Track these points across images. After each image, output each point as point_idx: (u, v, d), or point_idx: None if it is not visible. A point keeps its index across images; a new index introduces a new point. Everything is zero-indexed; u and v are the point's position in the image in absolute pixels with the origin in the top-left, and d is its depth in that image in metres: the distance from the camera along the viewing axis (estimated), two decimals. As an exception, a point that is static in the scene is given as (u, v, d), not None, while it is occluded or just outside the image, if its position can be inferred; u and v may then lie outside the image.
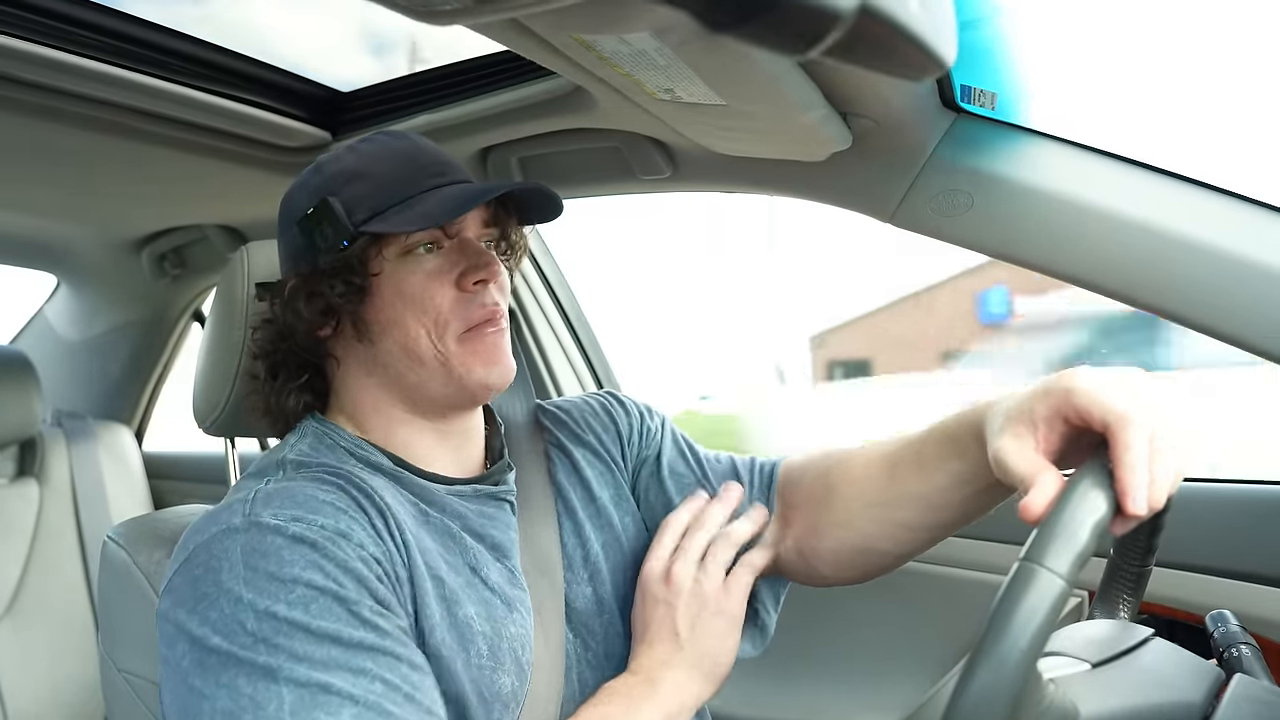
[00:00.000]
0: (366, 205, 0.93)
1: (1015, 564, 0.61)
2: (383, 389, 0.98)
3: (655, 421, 1.19)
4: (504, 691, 0.88)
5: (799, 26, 0.37)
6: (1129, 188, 1.16)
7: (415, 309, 0.93)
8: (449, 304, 0.94)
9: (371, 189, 0.94)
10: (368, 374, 0.98)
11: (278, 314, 0.97)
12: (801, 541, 1.07)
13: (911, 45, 0.44)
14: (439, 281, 0.94)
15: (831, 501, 1.05)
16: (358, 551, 0.80)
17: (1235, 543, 1.27)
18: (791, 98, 1.05)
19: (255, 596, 0.75)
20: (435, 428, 1.00)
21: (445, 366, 0.94)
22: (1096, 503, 0.64)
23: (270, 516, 0.80)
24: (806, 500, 1.08)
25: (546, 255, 2.11)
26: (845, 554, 1.06)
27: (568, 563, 1.03)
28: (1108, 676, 0.69)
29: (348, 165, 0.96)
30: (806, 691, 1.68)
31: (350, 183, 0.95)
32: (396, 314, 0.94)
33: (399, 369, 0.96)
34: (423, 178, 0.96)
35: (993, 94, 1.22)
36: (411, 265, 0.94)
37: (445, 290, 0.94)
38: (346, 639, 0.75)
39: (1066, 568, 0.60)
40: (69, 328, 2.67)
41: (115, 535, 1.13)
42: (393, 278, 0.94)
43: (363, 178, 0.95)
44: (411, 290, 0.94)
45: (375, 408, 0.99)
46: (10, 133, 1.53)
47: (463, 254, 0.96)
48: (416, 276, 0.94)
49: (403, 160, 0.97)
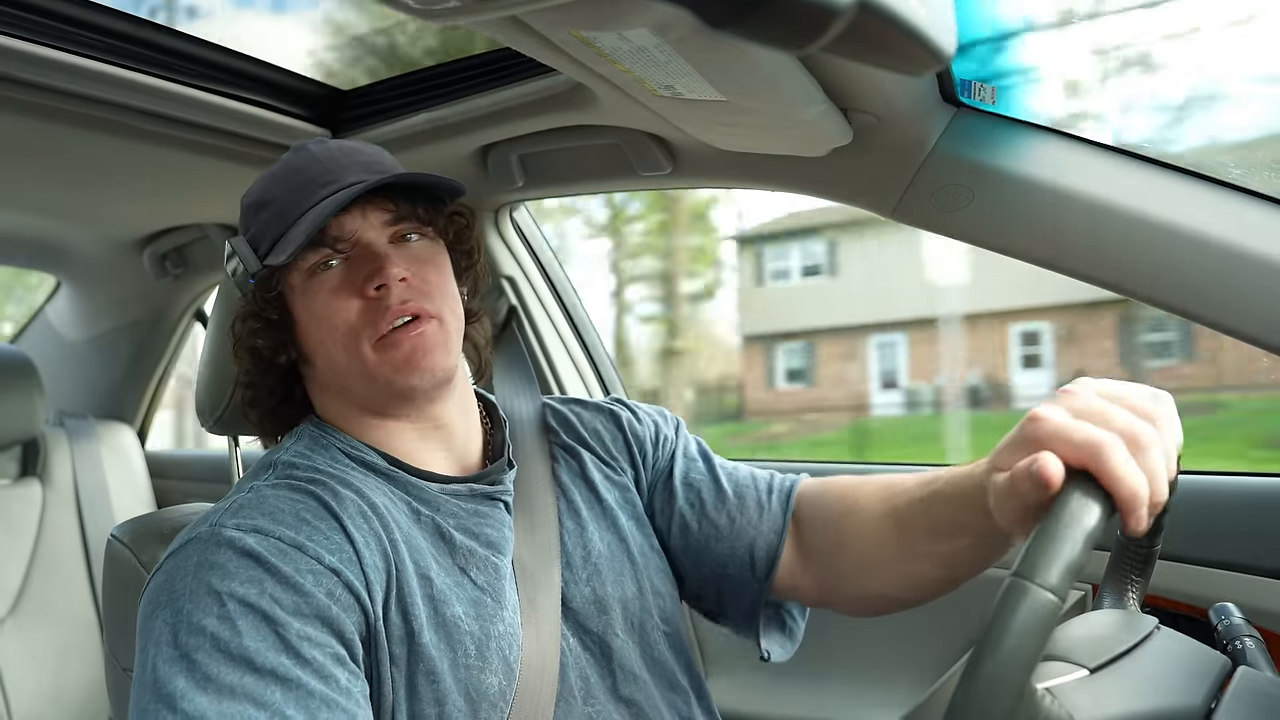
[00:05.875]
0: (268, 236, 0.96)
1: (1006, 579, 0.60)
2: (343, 399, 1.01)
3: (669, 428, 1.19)
4: (491, 691, 0.88)
5: (798, 22, 0.37)
6: (1129, 181, 1.15)
7: (327, 328, 0.95)
8: (356, 315, 0.95)
9: (270, 216, 0.97)
10: (325, 389, 1.02)
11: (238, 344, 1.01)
12: (821, 582, 1.07)
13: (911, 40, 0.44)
14: (343, 295, 0.95)
15: (846, 553, 1.04)
16: (310, 565, 0.81)
17: (1239, 535, 1.27)
18: (792, 93, 1.05)
19: (192, 608, 0.77)
20: (411, 427, 1.01)
21: (368, 376, 0.95)
22: (1086, 515, 0.64)
23: (233, 528, 0.82)
24: (822, 544, 1.07)
25: (549, 253, 2.11)
26: (866, 598, 1.06)
27: (567, 561, 1.02)
28: (1106, 682, 0.69)
29: (254, 196, 1.00)
30: (812, 689, 1.68)
31: (257, 214, 0.99)
32: (317, 335, 0.97)
33: (341, 384, 0.99)
34: (311, 190, 0.96)
35: (993, 88, 1.22)
36: (316, 285, 0.96)
37: (351, 303, 0.95)
38: (260, 664, 0.75)
39: (1058, 582, 0.59)
40: (71, 327, 2.67)
41: (119, 534, 1.14)
42: (304, 299, 0.97)
43: (264, 206, 0.98)
44: (319, 310, 0.96)
45: (346, 415, 1.01)
46: (12, 133, 1.53)
47: (362, 259, 0.95)
48: (321, 295, 0.96)
49: (295, 177, 0.98)
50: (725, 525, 1.09)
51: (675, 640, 1.06)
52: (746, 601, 1.10)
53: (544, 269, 2.09)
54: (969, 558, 0.94)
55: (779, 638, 1.14)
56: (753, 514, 1.09)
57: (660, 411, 1.22)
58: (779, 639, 1.13)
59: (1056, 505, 0.65)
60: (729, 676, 1.73)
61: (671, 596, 1.09)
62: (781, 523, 1.09)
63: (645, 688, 1.00)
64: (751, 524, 1.09)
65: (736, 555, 1.08)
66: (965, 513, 0.89)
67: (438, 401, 1.01)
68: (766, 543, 1.08)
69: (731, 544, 1.09)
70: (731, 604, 1.12)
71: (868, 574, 1.03)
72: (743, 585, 1.09)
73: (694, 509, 1.11)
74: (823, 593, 1.08)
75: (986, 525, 0.85)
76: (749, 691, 1.70)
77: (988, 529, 0.85)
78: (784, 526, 1.08)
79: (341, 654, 0.80)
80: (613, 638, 1.01)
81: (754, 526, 1.09)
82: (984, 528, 0.86)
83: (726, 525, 1.09)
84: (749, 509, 1.10)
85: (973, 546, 0.92)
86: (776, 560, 1.07)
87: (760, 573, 1.07)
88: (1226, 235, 1.08)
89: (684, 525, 1.11)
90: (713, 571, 1.10)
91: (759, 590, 1.08)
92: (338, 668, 0.79)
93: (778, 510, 1.10)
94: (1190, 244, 1.10)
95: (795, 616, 1.15)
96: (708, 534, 1.10)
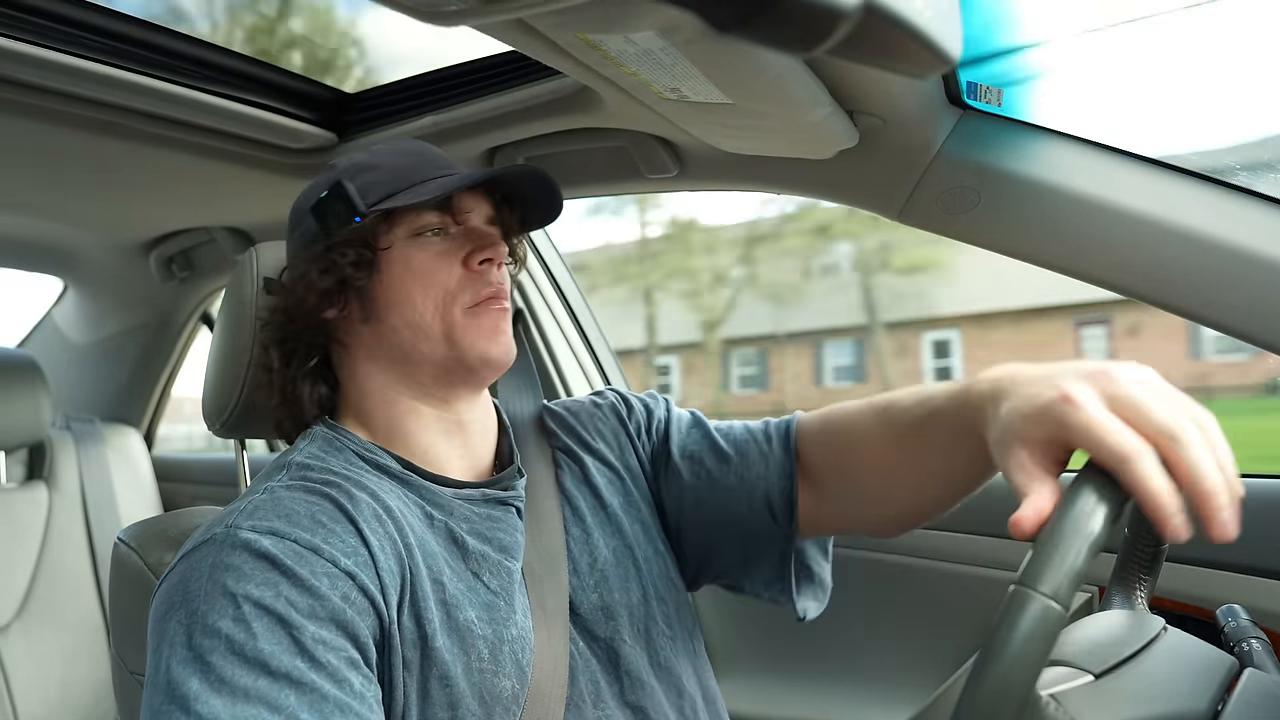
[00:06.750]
0: (378, 190, 0.99)
1: (1010, 588, 0.60)
2: (388, 373, 1.01)
3: (660, 410, 1.19)
4: (504, 694, 0.88)
5: (805, 25, 0.37)
6: (1136, 183, 1.15)
7: (423, 283, 0.98)
8: (456, 281, 0.99)
9: (383, 177, 1.00)
10: (372, 357, 1.02)
11: (288, 293, 1.02)
12: (842, 510, 1.07)
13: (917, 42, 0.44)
14: (447, 260, 1.00)
15: (856, 482, 1.04)
16: (326, 568, 0.81)
17: (1245, 537, 1.25)
18: (798, 96, 1.05)
19: (208, 610, 0.77)
20: (441, 416, 1.02)
21: (450, 339, 0.98)
22: (1091, 522, 0.62)
23: (249, 530, 0.82)
24: (831, 476, 1.06)
25: (555, 257, 2.11)
26: (889, 521, 1.05)
27: (573, 568, 1.03)
28: (1112, 687, 0.69)
29: (359, 160, 1.03)
30: (818, 693, 1.68)
31: (363, 172, 1.01)
32: (405, 289, 0.99)
33: (404, 347, 0.99)
34: (430, 169, 1.02)
35: (999, 90, 1.22)
36: (420, 244, 1.00)
37: (453, 268, 1.00)
38: (275, 667, 0.75)
39: (1061, 591, 0.59)
40: (77, 331, 2.67)
41: (126, 537, 1.14)
42: (402, 255, 0.99)
43: (375, 169, 1.01)
44: (420, 266, 0.99)
45: (383, 397, 1.01)
46: (18, 136, 1.54)
47: (469, 237, 1.02)
48: (425, 254, 1.00)
49: (412, 155, 1.04)
50: (735, 485, 1.09)
51: (681, 646, 1.06)
52: (775, 555, 1.09)
53: (550, 273, 2.09)
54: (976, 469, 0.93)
55: (811, 590, 1.13)
56: (758, 466, 1.09)
57: (650, 394, 1.22)
58: (811, 591, 1.12)
59: (1062, 510, 0.64)
60: (737, 679, 1.73)
61: (676, 602, 1.08)
62: (788, 465, 1.08)
63: (653, 694, 1.00)
64: (760, 475, 1.08)
65: (755, 510, 1.08)
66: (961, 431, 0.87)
67: (479, 392, 1.05)
68: (780, 489, 1.07)
69: (748, 501, 1.08)
70: (761, 563, 1.11)
71: (881, 498, 1.03)
72: (769, 539, 1.09)
73: (701, 479, 1.11)
74: (847, 519, 1.08)
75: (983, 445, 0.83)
76: (757, 694, 1.70)
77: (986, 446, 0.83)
78: (792, 469, 1.08)
79: (356, 658, 0.80)
80: (620, 644, 1.01)
81: (763, 478, 1.08)
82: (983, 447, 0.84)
83: (737, 484, 1.09)
84: (753, 462, 1.09)
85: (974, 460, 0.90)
86: (794, 503, 1.07)
87: (782, 519, 1.07)
88: (1234, 237, 1.08)
89: (696, 499, 1.11)
90: (736, 535, 1.10)
91: (786, 538, 1.08)
92: (352, 671, 0.79)
93: (780, 454, 1.09)
94: (1198, 246, 1.10)
95: (821, 563, 1.14)
96: (721, 499, 1.10)
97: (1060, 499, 0.65)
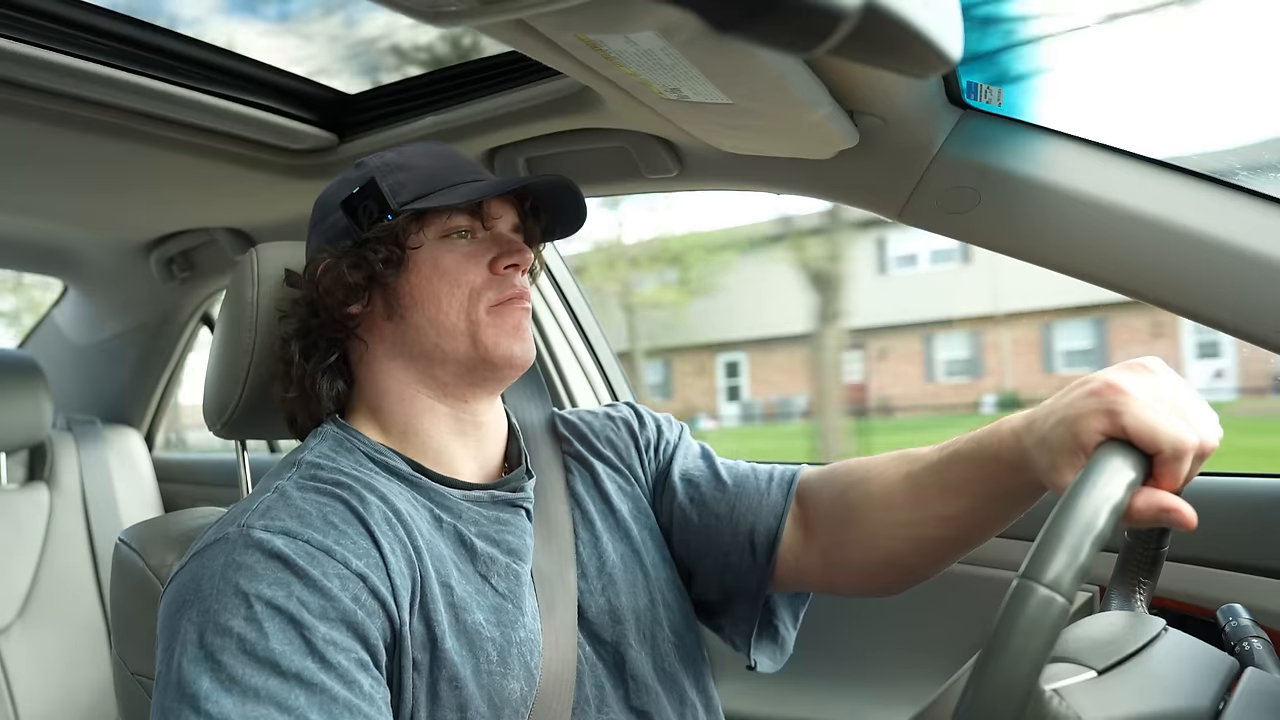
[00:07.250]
0: (410, 189, 1.00)
1: (1014, 581, 0.60)
2: (407, 371, 1.01)
3: (672, 433, 1.20)
4: (513, 697, 0.89)
5: (805, 25, 0.37)
6: (1136, 183, 1.15)
7: (450, 283, 0.99)
8: (481, 281, 1.00)
9: (415, 177, 1.01)
10: (392, 355, 1.02)
11: (314, 286, 1.02)
12: (827, 555, 1.06)
13: (917, 42, 0.44)
14: (474, 261, 1.01)
15: (854, 520, 1.04)
16: (338, 569, 0.81)
17: (1246, 536, 1.27)
18: (798, 96, 1.05)
19: (219, 609, 0.77)
20: (458, 416, 1.02)
21: (474, 337, 0.99)
22: (1096, 516, 0.63)
23: (261, 529, 0.82)
24: (828, 517, 1.07)
25: (562, 269, 2.11)
26: (873, 568, 1.05)
27: (581, 572, 1.03)
28: (1114, 683, 0.69)
29: (391, 159, 1.04)
30: (820, 692, 1.68)
31: (395, 171, 1.02)
32: (432, 288, 0.99)
33: (426, 345, 1.00)
34: (461, 173, 1.03)
35: (999, 90, 1.22)
36: (448, 245, 1.01)
37: (479, 270, 1.01)
38: (286, 667, 0.75)
39: (1066, 585, 0.59)
40: (78, 332, 2.67)
41: (127, 538, 1.14)
42: (431, 255, 1.00)
43: (406, 169, 1.02)
44: (448, 266, 1.00)
45: (401, 395, 1.01)
46: (18, 137, 1.54)
47: (495, 242, 1.03)
48: (454, 255, 1.01)
49: (443, 157, 1.05)
50: (725, 513, 1.10)
51: (685, 653, 1.07)
52: (748, 593, 1.10)
53: (553, 278, 2.09)
54: (983, 517, 0.95)
55: (769, 648, 1.13)
56: (752, 500, 1.10)
57: (666, 417, 1.23)
58: (769, 649, 1.13)
59: (1066, 505, 0.64)
60: (738, 680, 1.73)
61: (682, 609, 1.09)
62: (782, 507, 1.09)
63: (657, 699, 1.01)
64: (751, 510, 1.09)
65: (737, 542, 1.08)
66: (982, 469, 0.90)
67: (497, 392, 1.06)
68: (765, 526, 1.08)
69: (733, 531, 1.09)
70: (734, 598, 1.12)
71: (874, 540, 1.03)
72: (744, 574, 1.09)
73: (694, 502, 1.11)
74: (828, 569, 1.07)
75: (999, 487, 0.87)
76: (757, 695, 1.70)
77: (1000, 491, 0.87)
78: (784, 511, 1.08)
79: (365, 659, 0.80)
80: (626, 648, 1.01)
81: (753, 512, 1.09)
82: (997, 490, 0.88)
83: (726, 513, 1.10)
84: (748, 496, 1.10)
85: (986, 504, 0.93)
86: (776, 543, 1.07)
87: (761, 558, 1.07)
88: (1234, 237, 1.08)
89: (685, 519, 1.11)
90: (715, 563, 1.10)
91: (760, 578, 1.08)
92: (361, 673, 0.79)
93: (778, 496, 1.10)
94: (1198, 246, 1.09)
95: (788, 626, 1.15)
96: (709, 524, 1.10)
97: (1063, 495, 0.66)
